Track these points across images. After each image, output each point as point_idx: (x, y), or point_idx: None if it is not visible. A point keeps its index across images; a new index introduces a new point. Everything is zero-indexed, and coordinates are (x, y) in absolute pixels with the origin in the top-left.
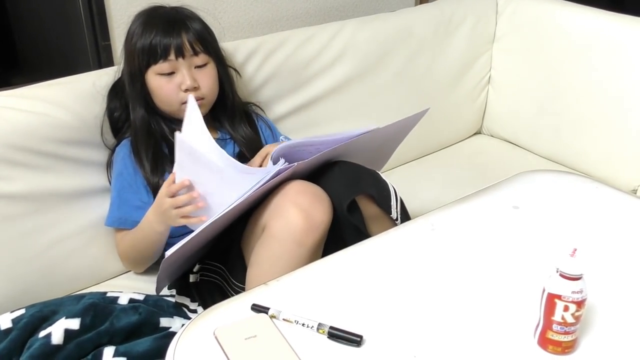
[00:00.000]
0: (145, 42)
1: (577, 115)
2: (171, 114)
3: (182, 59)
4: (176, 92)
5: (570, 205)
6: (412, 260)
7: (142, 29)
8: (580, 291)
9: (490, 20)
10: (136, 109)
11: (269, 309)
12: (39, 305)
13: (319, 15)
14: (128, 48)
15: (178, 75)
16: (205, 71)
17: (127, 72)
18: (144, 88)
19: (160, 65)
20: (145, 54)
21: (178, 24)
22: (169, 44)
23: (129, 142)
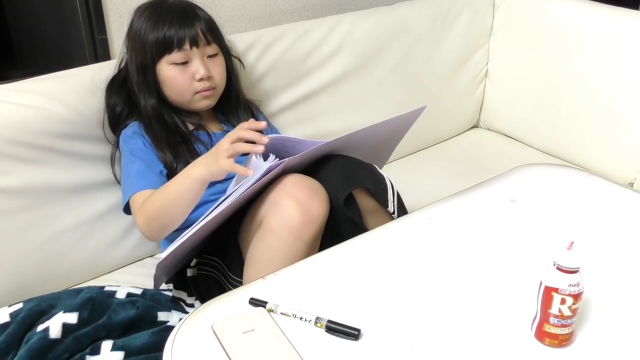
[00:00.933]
0: (159, 34)
1: (574, 108)
2: (182, 104)
3: (196, 48)
4: (190, 82)
5: (567, 198)
6: (409, 253)
7: (154, 22)
8: (577, 284)
9: (487, 13)
10: (148, 99)
11: (266, 302)
12: (37, 300)
13: (317, 9)
14: (137, 41)
15: (192, 65)
16: (217, 61)
17: (136, 64)
18: (156, 79)
19: (175, 54)
20: (159, 45)
21: (191, 15)
22: (184, 36)
23: (137, 124)
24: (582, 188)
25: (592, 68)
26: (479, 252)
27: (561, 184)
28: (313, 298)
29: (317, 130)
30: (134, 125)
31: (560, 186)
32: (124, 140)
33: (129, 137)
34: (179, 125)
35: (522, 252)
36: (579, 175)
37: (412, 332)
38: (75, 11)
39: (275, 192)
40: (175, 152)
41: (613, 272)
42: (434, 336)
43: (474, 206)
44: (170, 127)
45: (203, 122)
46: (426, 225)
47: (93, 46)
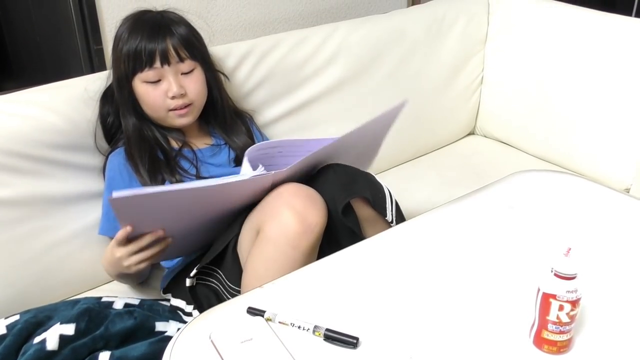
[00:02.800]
0: (130, 47)
1: (570, 114)
2: (158, 120)
3: (167, 66)
4: (163, 99)
5: (564, 204)
6: (407, 261)
7: (128, 34)
8: (575, 290)
9: (482, 20)
10: (126, 116)
11: (264, 312)
12: (34, 311)
13: (312, 17)
14: (115, 53)
15: (164, 83)
16: (192, 77)
17: (115, 78)
18: (132, 94)
19: (147, 73)
20: (130, 60)
21: (163, 29)
22: (153, 50)
23: (122, 150)
24: (578, 194)
25: (588, 74)
26: (477, 259)
27: (558, 191)
28: (311, 307)
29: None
30: (120, 153)
31: (557, 192)
32: (107, 166)
33: (115, 167)
34: (160, 141)
35: (520, 259)
36: (576, 182)
37: (411, 339)
38: (70, 22)
39: (272, 201)
40: (153, 176)
41: (611, 278)
42: (432, 344)
43: (472, 213)
44: (151, 144)
45: (187, 138)
46: (424, 232)
47: (89, 56)
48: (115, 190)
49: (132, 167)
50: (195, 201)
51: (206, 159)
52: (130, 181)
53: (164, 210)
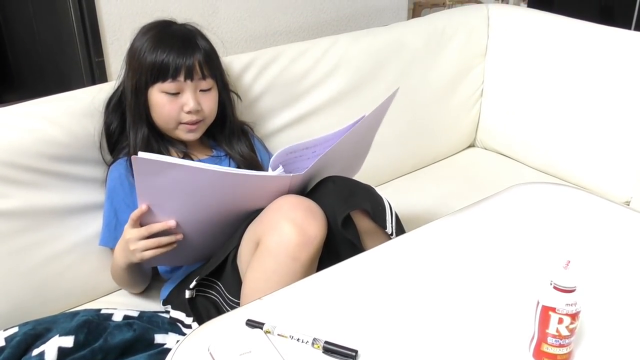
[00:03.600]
0: (157, 58)
1: (569, 127)
2: (166, 131)
3: (190, 81)
4: (178, 112)
5: (564, 217)
6: (406, 273)
7: (154, 45)
8: (575, 303)
9: (482, 33)
10: (137, 125)
11: (263, 324)
12: (32, 323)
13: (313, 30)
14: (135, 62)
15: (183, 97)
16: (209, 95)
17: (131, 85)
18: (146, 103)
19: (168, 84)
20: (154, 71)
21: (192, 45)
22: (180, 65)
23: (124, 161)
24: (578, 207)
25: (587, 87)
26: (476, 272)
27: (558, 203)
28: (310, 319)
29: None
30: (121, 164)
31: (557, 205)
32: (109, 176)
33: (117, 178)
34: (164, 153)
35: (519, 271)
36: (576, 194)
37: (410, 352)
38: (72, 34)
39: (272, 213)
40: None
41: (610, 291)
42: (432, 356)
43: (472, 225)
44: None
45: (188, 149)
46: (423, 244)
47: (90, 69)
48: (115, 200)
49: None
50: (213, 187)
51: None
52: (131, 192)
53: (181, 192)
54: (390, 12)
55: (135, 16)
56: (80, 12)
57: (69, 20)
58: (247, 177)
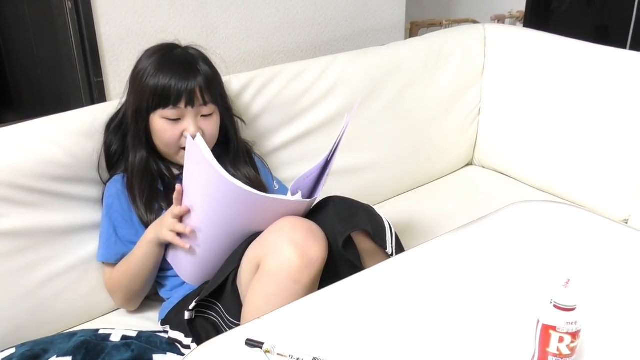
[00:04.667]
0: (158, 83)
1: (567, 145)
2: (168, 156)
3: (191, 107)
4: (178, 138)
5: (562, 235)
6: (406, 292)
7: (156, 69)
8: (575, 322)
9: (478, 52)
10: (136, 148)
11: (263, 343)
12: (30, 344)
13: (310, 49)
14: (137, 85)
15: (184, 123)
16: (210, 121)
17: (132, 109)
18: (147, 127)
19: (169, 111)
20: (156, 96)
21: (193, 70)
22: (181, 91)
23: (121, 177)
24: (577, 225)
25: (584, 106)
26: (476, 290)
27: (557, 221)
28: (310, 338)
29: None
30: (118, 180)
31: (555, 223)
32: (106, 193)
33: (114, 194)
34: (163, 172)
35: (519, 290)
36: (574, 212)
37: None
38: (71, 54)
39: (272, 234)
40: (149, 205)
41: (610, 310)
42: None
43: (470, 244)
44: (154, 176)
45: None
46: (422, 263)
47: (89, 89)
48: (113, 216)
49: (130, 197)
50: (236, 202)
51: None
52: (128, 208)
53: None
54: (387, 31)
55: (134, 37)
56: (79, 33)
57: (68, 41)
58: (269, 200)
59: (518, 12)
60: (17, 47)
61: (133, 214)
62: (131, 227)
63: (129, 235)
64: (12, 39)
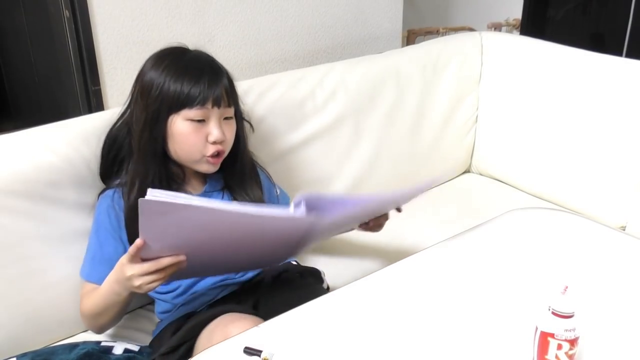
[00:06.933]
0: (183, 88)
1: (564, 152)
2: (189, 163)
3: (217, 108)
4: (203, 143)
5: (560, 242)
6: (403, 299)
7: (178, 73)
8: (573, 329)
9: (475, 60)
10: (147, 160)
11: (261, 351)
12: (30, 355)
13: (308, 57)
14: (153, 90)
15: (208, 125)
16: (231, 124)
17: (146, 114)
18: (161, 133)
19: (195, 111)
20: (181, 99)
21: (219, 73)
22: (209, 93)
23: (112, 193)
24: (575, 232)
25: (580, 113)
26: (474, 297)
27: (554, 228)
28: (308, 346)
29: (311, 176)
30: (109, 196)
31: (553, 230)
32: (97, 208)
33: (104, 210)
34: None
35: (517, 297)
36: (572, 220)
37: None
38: (69, 63)
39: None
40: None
41: (608, 316)
42: None
43: (468, 251)
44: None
45: (185, 182)
46: (420, 270)
47: (87, 97)
48: (101, 233)
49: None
50: (228, 226)
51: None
52: (118, 225)
53: (190, 229)
54: (384, 39)
55: (132, 45)
56: (77, 42)
57: (66, 50)
58: (267, 219)
59: (514, 20)
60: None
61: (123, 232)
62: (119, 245)
63: (116, 255)
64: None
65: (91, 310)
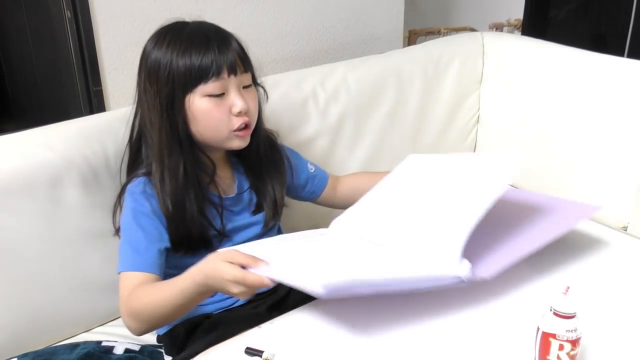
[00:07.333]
0: (192, 61)
1: (565, 153)
2: (217, 143)
3: (234, 76)
4: (227, 117)
5: (562, 242)
6: (403, 299)
7: (184, 47)
8: (575, 329)
9: (477, 61)
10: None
11: (262, 352)
12: (31, 355)
13: (309, 58)
14: (161, 72)
15: (229, 97)
16: (252, 92)
17: (159, 102)
18: (181, 116)
19: (212, 84)
20: (194, 74)
21: (227, 39)
22: (222, 61)
23: (145, 180)
24: (576, 232)
25: (582, 113)
26: (475, 298)
27: None
28: (310, 347)
29: None
30: (142, 182)
31: None
32: (129, 196)
33: (136, 196)
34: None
35: (518, 297)
36: None
37: None
38: (70, 63)
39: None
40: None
41: (610, 317)
42: None
43: None
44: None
45: (215, 174)
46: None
47: (88, 98)
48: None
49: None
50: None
51: (229, 205)
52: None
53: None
54: (385, 40)
55: (133, 46)
56: (78, 42)
57: (67, 50)
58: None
59: (516, 20)
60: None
61: (159, 227)
62: (162, 229)
63: (160, 237)
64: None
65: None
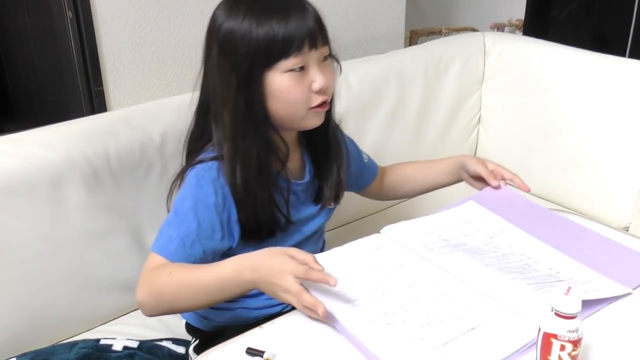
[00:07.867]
0: (273, 31)
1: (566, 153)
2: (290, 122)
3: (314, 50)
4: (307, 94)
5: None
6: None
7: (262, 16)
8: (576, 330)
9: (478, 61)
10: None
11: (264, 352)
12: (30, 354)
13: None
14: (239, 45)
15: (309, 73)
16: (329, 65)
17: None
18: (258, 94)
19: (293, 59)
20: (275, 47)
21: (306, 7)
22: (303, 33)
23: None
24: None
25: (583, 113)
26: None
27: None
28: (311, 347)
29: None
30: (213, 167)
31: None
32: (197, 179)
33: (205, 182)
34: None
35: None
36: (575, 220)
37: None
38: (72, 63)
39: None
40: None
41: (611, 317)
42: None
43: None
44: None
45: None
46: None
47: (89, 98)
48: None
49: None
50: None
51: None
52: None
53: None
54: (387, 40)
55: (134, 46)
56: (80, 42)
57: (68, 50)
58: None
59: (517, 20)
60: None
61: (215, 226)
62: (219, 230)
63: (212, 239)
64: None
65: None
